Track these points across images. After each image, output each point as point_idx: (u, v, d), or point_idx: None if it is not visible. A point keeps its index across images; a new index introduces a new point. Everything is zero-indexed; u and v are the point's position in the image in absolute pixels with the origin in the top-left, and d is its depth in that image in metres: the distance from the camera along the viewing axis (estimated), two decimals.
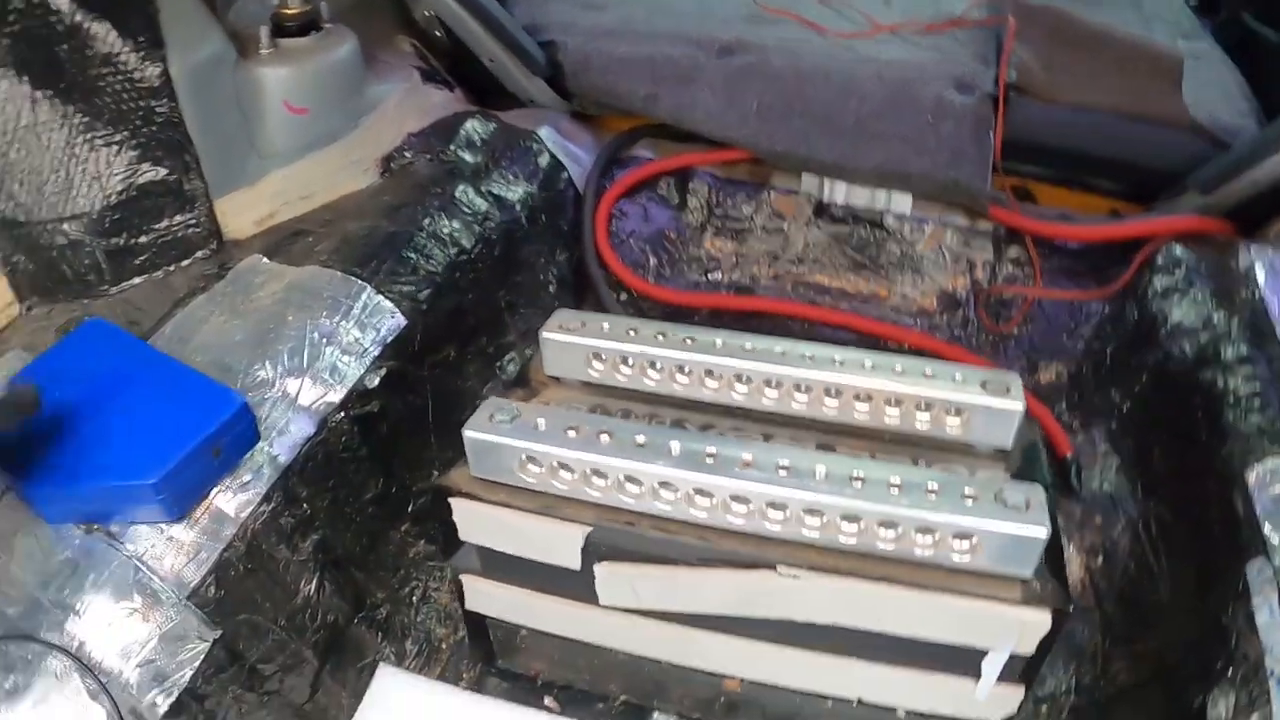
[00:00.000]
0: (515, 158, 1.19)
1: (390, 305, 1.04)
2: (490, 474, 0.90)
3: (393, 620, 1.02)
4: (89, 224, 1.10)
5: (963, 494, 0.82)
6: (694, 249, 1.24)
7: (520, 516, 0.89)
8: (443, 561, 1.06)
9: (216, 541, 0.90)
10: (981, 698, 0.90)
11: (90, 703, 0.82)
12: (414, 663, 1.02)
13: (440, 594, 1.05)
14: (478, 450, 0.88)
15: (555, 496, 0.89)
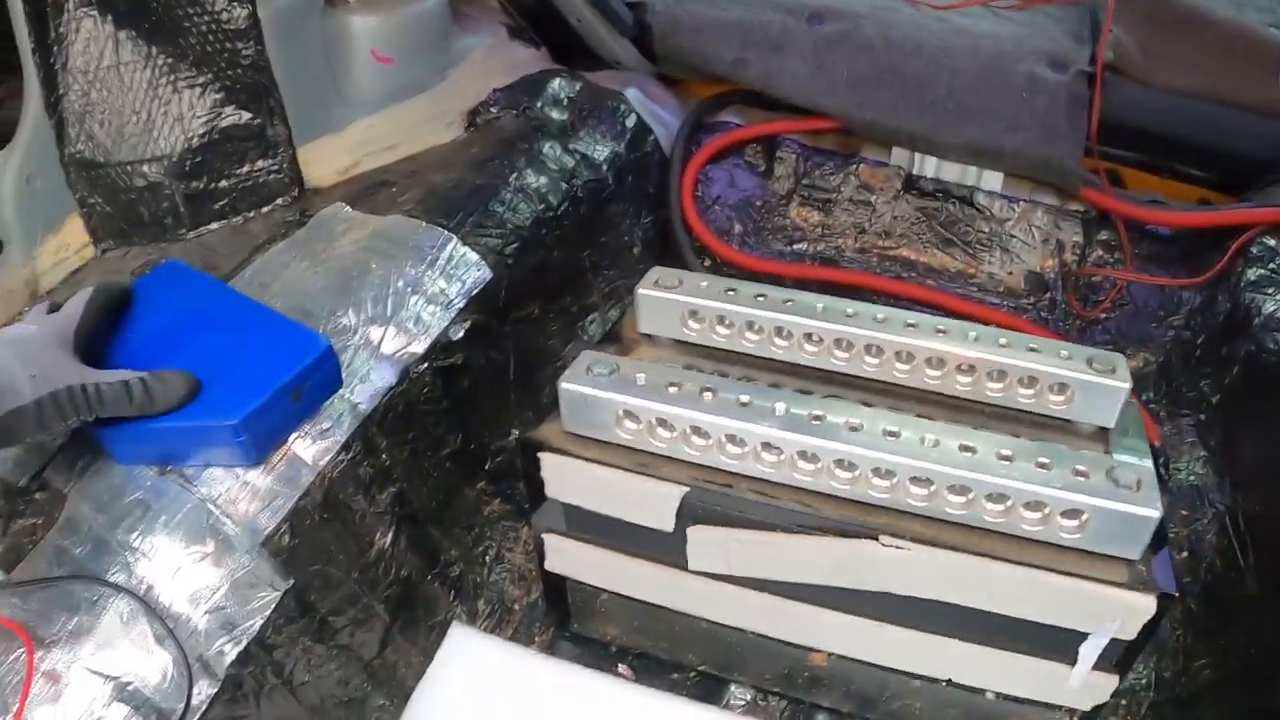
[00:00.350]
0: (602, 118, 1.16)
1: (476, 258, 1.00)
2: (584, 429, 0.86)
3: (465, 579, 0.98)
4: (169, 167, 1.07)
5: (1074, 470, 0.78)
6: (780, 218, 1.20)
7: (613, 474, 0.85)
8: (518, 522, 1.02)
9: (293, 489, 0.86)
10: (1075, 684, 0.86)
11: (156, 647, 0.79)
12: (486, 623, 0.99)
13: (514, 554, 1.01)
14: (573, 403, 0.84)
15: (651, 455, 0.85)
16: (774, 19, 1.22)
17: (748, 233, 1.19)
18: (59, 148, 1.06)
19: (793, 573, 0.87)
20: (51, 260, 1.09)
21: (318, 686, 0.88)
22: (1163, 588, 0.76)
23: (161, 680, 0.78)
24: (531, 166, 1.08)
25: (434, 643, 0.95)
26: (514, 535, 1.02)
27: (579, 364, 0.86)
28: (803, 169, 1.21)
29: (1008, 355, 0.90)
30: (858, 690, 0.95)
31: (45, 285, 1.09)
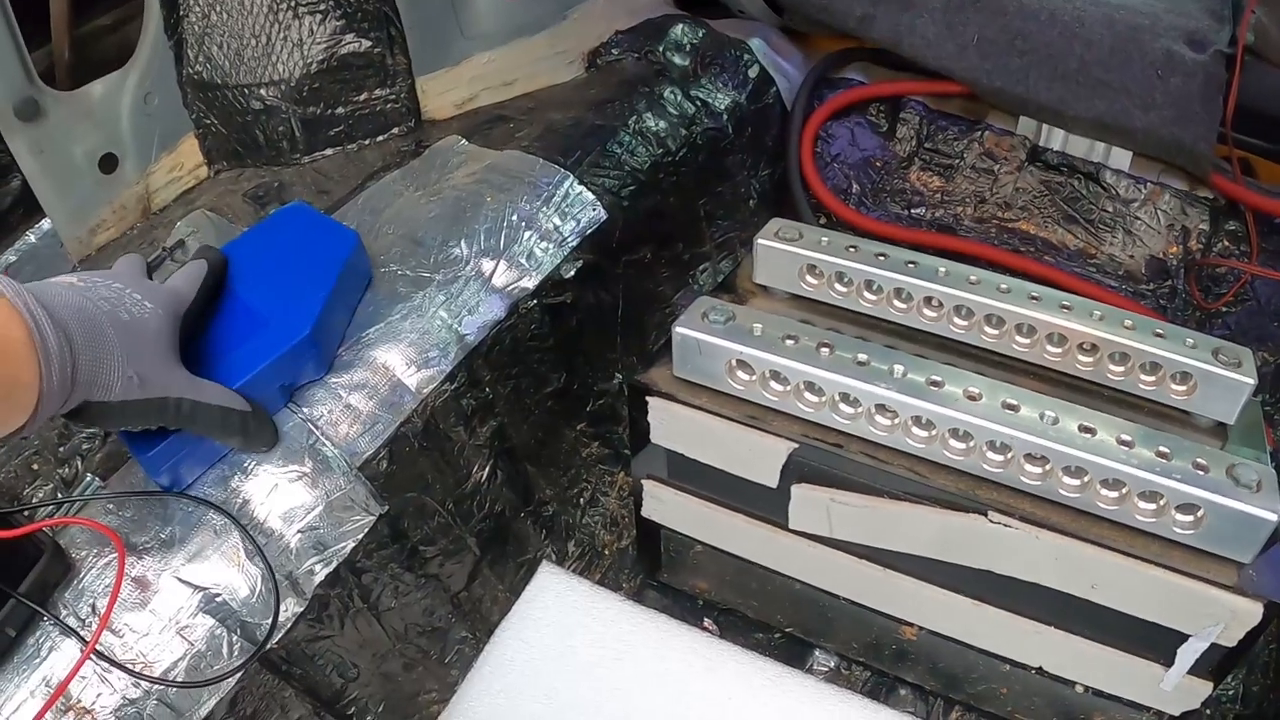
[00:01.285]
0: (725, 66, 1.12)
1: (592, 197, 0.97)
2: (694, 376, 0.83)
3: (558, 519, 0.96)
4: (286, 91, 1.05)
5: (1194, 463, 0.73)
6: (899, 181, 1.15)
7: (722, 424, 0.82)
8: (615, 467, 1.00)
9: (395, 415, 0.85)
10: (1168, 687, 0.81)
11: (246, 562, 0.78)
12: (574, 564, 0.97)
13: (609, 499, 0.99)
14: (686, 349, 0.81)
15: (762, 407, 0.82)
16: None
17: (865, 193, 1.15)
18: (177, 68, 1.06)
19: (894, 541, 0.83)
20: (165, 178, 1.09)
21: (403, 614, 0.87)
22: (1271, 596, 0.72)
23: (249, 595, 0.78)
24: (651, 110, 1.05)
25: (521, 580, 0.93)
26: (610, 480, 0.99)
27: (694, 309, 0.83)
28: (926, 132, 1.16)
29: (1132, 338, 0.84)
30: (944, 669, 0.92)
31: (158, 203, 1.09)
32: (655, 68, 1.10)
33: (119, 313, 0.70)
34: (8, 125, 0.98)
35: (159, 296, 0.76)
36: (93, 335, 0.67)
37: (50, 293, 0.66)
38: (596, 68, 1.12)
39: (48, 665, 0.74)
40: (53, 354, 0.62)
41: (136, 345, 0.71)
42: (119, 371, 0.68)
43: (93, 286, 0.71)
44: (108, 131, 1.04)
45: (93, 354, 0.66)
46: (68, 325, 0.65)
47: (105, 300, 0.70)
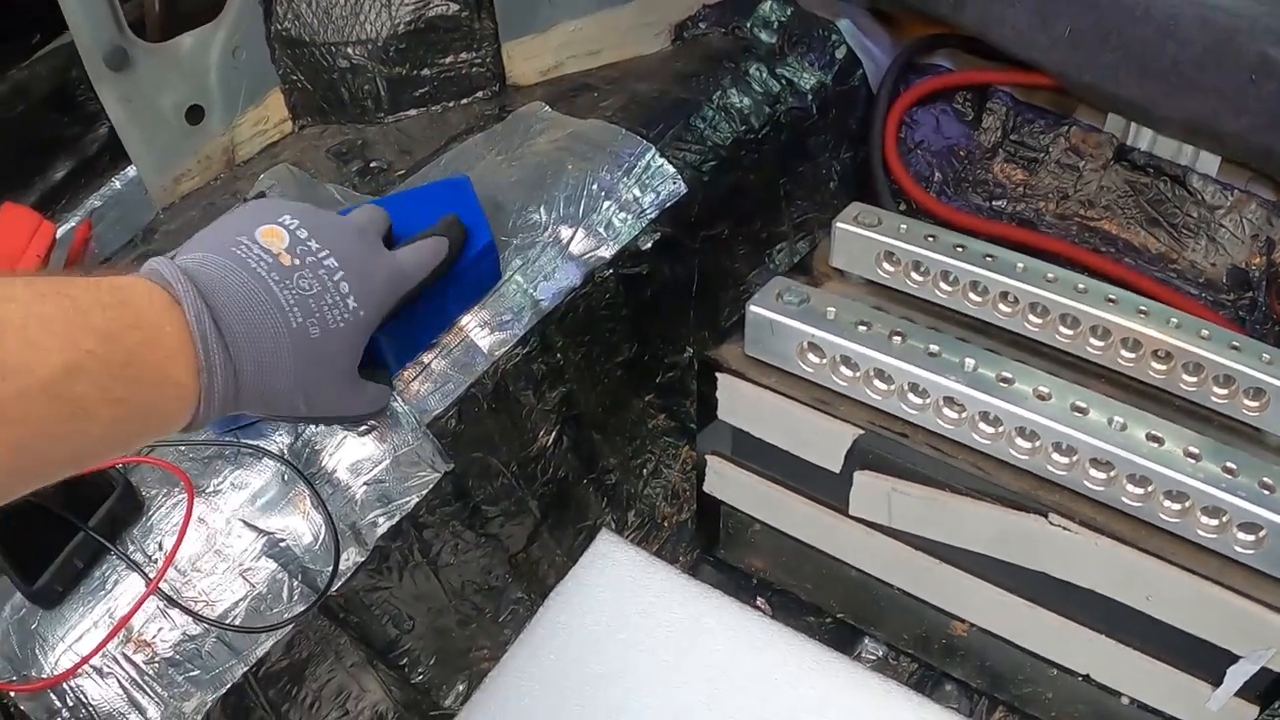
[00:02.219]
0: (812, 45, 1.12)
1: (673, 170, 0.98)
2: (765, 355, 0.84)
3: (619, 489, 0.98)
4: (373, 51, 1.07)
5: (1261, 481, 0.72)
6: (982, 171, 1.14)
7: (790, 405, 0.83)
8: (680, 440, 1.01)
9: (466, 375, 0.86)
10: (1214, 707, 0.81)
11: (311, 510, 0.81)
12: (633, 534, 0.98)
13: (671, 472, 1.00)
14: (758, 328, 0.82)
15: (830, 391, 0.82)
16: None
17: (946, 182, 1.14)
18: (266, 24, 1.08)
19: (952, 535, 0.84)
20: (250, 132, 1.12)
21: (460, 571, 0.89)
22: None
23: (312, 542, 0.81)
24: (736, 86, 1.05)
25: (579, 546, 0.95)
26: (673, 453, 1.01)
27: (769, 289, 0.83)
28: (1012, 124, 1.15)
29: (1208, 349, 0.84)
30: (991, 667, 0.92)
31: (242, 155, 1.12)
32: (742, 43, 1.10)
33: (309, 326, 0.65)
34: (98, 74, 1.01)
35: (374, 285, 0.70)
36: (265, 370, 0.63)
37: (233, 300, 0.62)
38: (683, 40, 1.13)
39: (112, 598, 0.78)
40: (215, 390, 0.60)
41: (316, 370, 0.67)
42: (285, 399, 0.66)
43: (300, 267, 0.66)
44: (195, 84, 1.07)
45: (261, 383, 0.63)
46: (240, 357, 0.61)
47: (302, 300, 0.65)
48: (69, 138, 1.09)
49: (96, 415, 0.53)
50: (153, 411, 0.57)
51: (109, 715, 0.75)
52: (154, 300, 0.58)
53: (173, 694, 0.76)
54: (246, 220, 0.68)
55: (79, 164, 1.10)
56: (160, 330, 0.57)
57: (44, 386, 0.49)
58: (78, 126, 1.09)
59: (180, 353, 0.58)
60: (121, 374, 0.53)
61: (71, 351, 0.51)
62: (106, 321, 0.54)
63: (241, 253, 0.65)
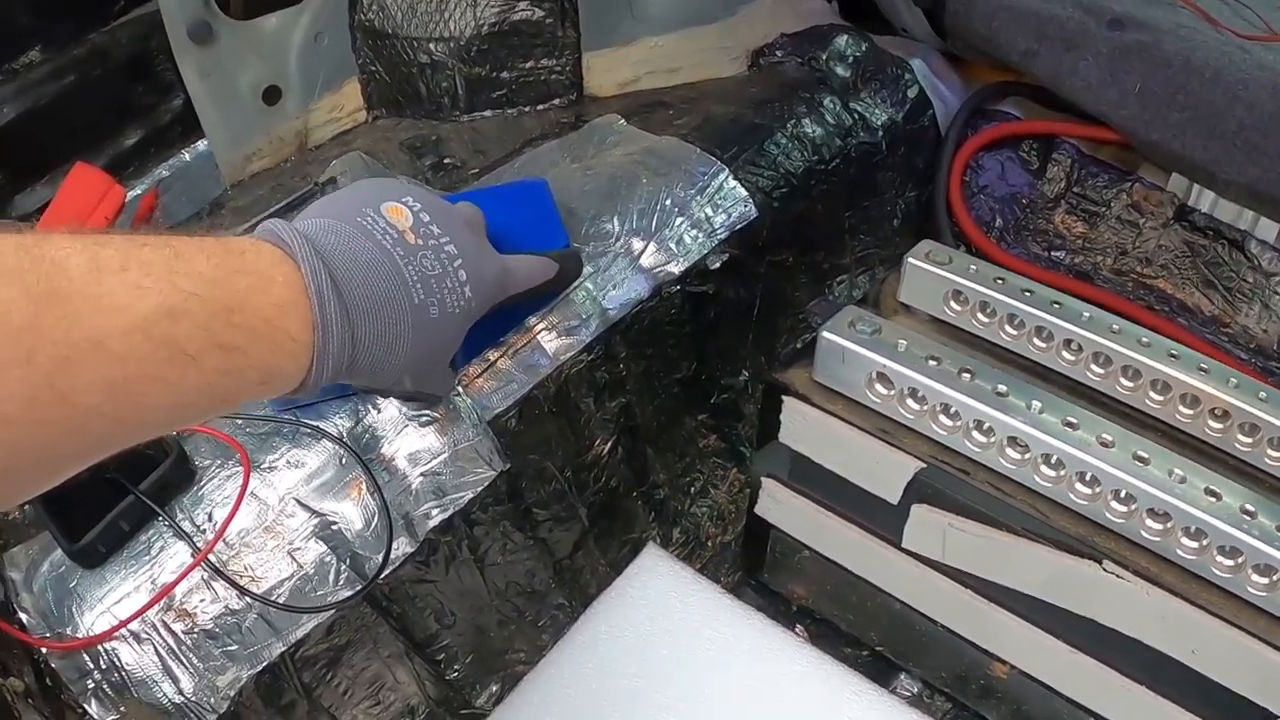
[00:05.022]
0: (885, 83, 1.14)
1: (744, 193, 1.00)
2: (832, 382, 0.85)
3: (667, 504, 0.99)
4: (455, 49, 1.09)
5: None
6: (1043, 221, 1.16)
7: (854, 433, 0.84)
8: (729, 462, 1.02)
9: (530, 376, 0.88)
10: None
11: (366, 495, 0.82)
12: (677, 550, 0.99)
13: (719, 492, 1.02)
14: (829, 354, 0.84)
15: (894, 423, 0.84)
16: (1072, 16, 1.18)
17: (1007, 229, 1.16)
18: (350, 13, 1.10)
19: (1003, 575, 0.85)
20: (324, 117, 1.13)
21: (506, 571, 0.90)
22: None
23: (364, 528, 0.82)
24: (810, 116, 1.07)
25: (624, 557, 0.96)
26: (721, 474, 1.02)
27: (842, 316, 0.85)
28: (1076, 176, 1.17)
29: (1266, 410, 0.85)
30: (1027, 712, 0.93)
31: (314, 140, 1.14)
32: (817, 75, 1.12)
33: (429, 306, 0.65)
34: (180, 45, 1.02)
35: (486, 278, 0.70)
36: (385, 341, 0.63)
37: (356, 266, 0.61)
38: (758, 67, 1.15)
39: (156, 564, 0.78)
40: (330, 351, 0.59)
41: (428, 351, 0.67)
42: (394, 374, 0.66)
43: (424, 247, 0.66)
44: (275, 65, 1.09)
45: (378, 353, 0.63)
46: (359, 322, 0.60)
47: (425, 278, 0.65)
48: (143, 106, 1.11)
49: (200, 361, 0.52)
50: (262, 365, 0.56)
51: (141, 681, 0.76)
52: (263, 253, 0.58)
53: (208, 666, 0.77)
54: (371, 194, 0.68)
55: (151, 133, 1.11)
56: (270, 280, 0.56)
57: (143, 325, 0.48)
58: (153, 95, 1.11)
59: (293, 306, 0.57)
60: (227, 319, 0.53)
61: (172, 293, 0.50)
62: (211, 267, 0.53)
63: (366, 223, 0.65)
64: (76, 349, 0.46)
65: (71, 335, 0.46)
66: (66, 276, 0.47)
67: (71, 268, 0.47)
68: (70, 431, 0.48)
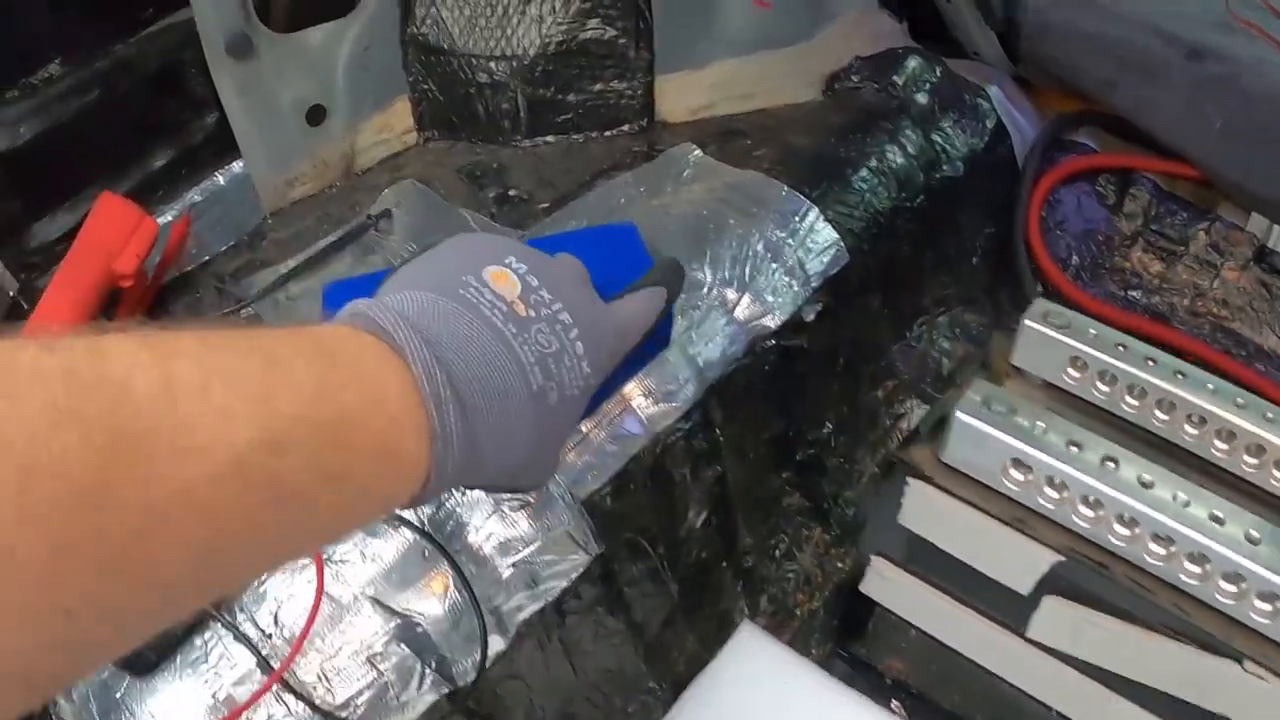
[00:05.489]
0: (964, 111, 0.99)
1: (836, 236, 0.86)
2: (964, 464, 0.72)
3: (754, 572, 0.86)
4: (517, 68, 0.93)
5: None
6: (1120, 259, 1.03)
7: (987, 522, 0.72)
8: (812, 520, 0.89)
9: (624, 448, 0.75)
10: None
11: (452, 590, 0.69)
12: (765, 621, 0.86)
13: (804, 555, 0.88)
14: (964, 437, 0.71)
15: (1031, 511, 0.72)
16: (1152, 45, 1.04)
17: (1083, 266, 1.03)
18: (402, 26, 0.95)
19: (1136, 670, 0.74)
20: (372, 139, 0.97)
21: (596, 658, 0.78)
22: None
23: (450, 628, 0.68)
24: (893, 148, 0.93)
25: (711, 631, 0.82)
26: (806, 534, 0.89)
27: (974, 394, 0.72)
28: (1154, 213, 1.04)
29: None
30: None
31: (361, 163, 0.97)
32: (895, 102, 0.97)
33: (548, 392, 0.49)
34: (216, 60, 0.86)
35: (601, 349, 0.53)
36: (504, 443, 0.48)
37: (468, 353, 0.46)
38: (833, 93, 1.00)
39: (215, 673, 0.65)
40: (449, 463, 0.44)
41: (545, 443, 0.52)
42: (507, 476, 0.51)
43: (537, 319, 0.50)
44: (320, 81, 0.92)
45: (499, 456, 0.48)
46: (479, 423, 0.46)
47: (542, 358, 0.49)
48: (174, 124, 0.93)
49: (306, 499, 0.38)
50: (372, 491, 0.42)
51: None
52: (368, 352, 0.43)
53: None
54: (470, 257, 0.52)
55: (181, 153, 0.93)
56: (382, 388, 0.42)
57: (237, 466, 0.35)
58: (185, 112, 0.93)
59: (407, 417, 0.43)
60: (335, 444, 0.39)
61: (272, 419, 0.37)
62: (313, 378, 0.39)
63: (471, 295, 0.49)
64: (154, 511, 0.32)
65: (149, 493, 0.32)
66: (134, 406, 0.33)
67: (139, 391, 0.33)
68: (140, 613, 0.35)
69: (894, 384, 0.94)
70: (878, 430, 0.94)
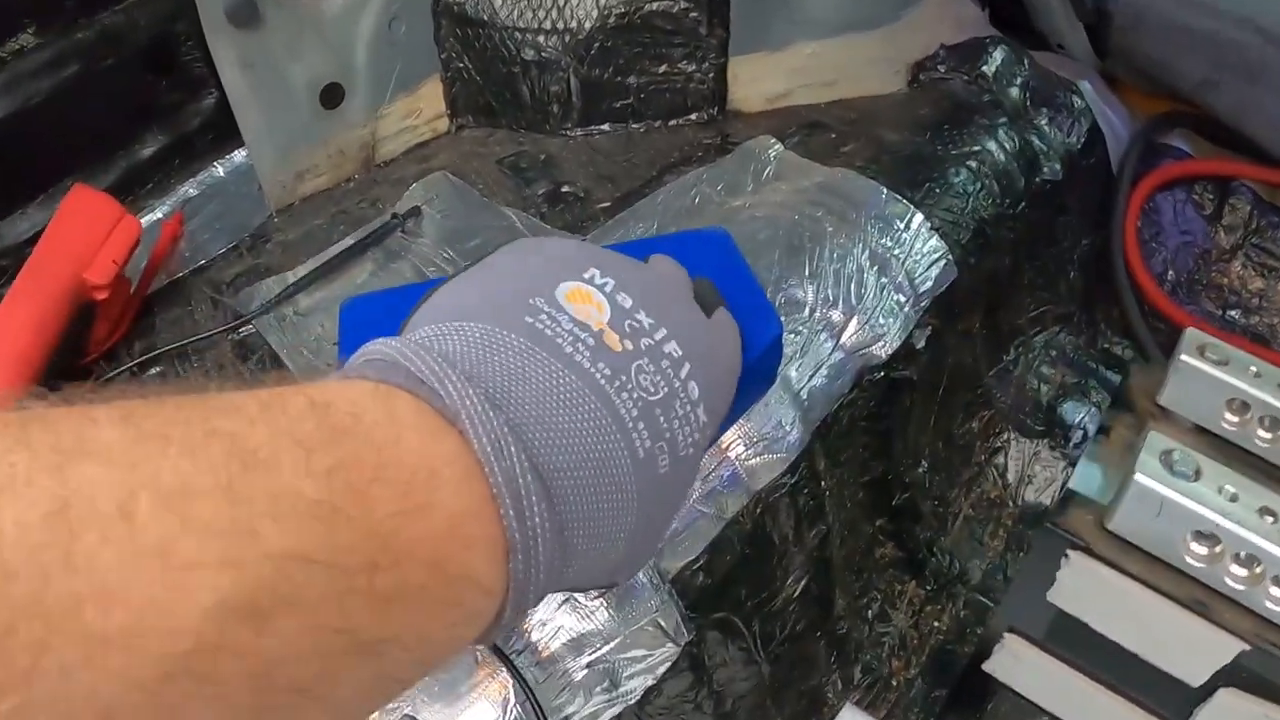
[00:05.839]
0: (1058, 108, 0.82)
1: (944, 247, 0.68)
2: (1135, 535, 0.55)
3: (848, 638, 0.67)
4: (571, 44, 0.74)
5: None
6: (1217, 274, 0.88)
7: (1161, 603, 0.54)
8: (906, 574, 0.71)
9: (719, 510, 0.56)
10: None
11: (512, 701, 0.49)
12: (860, 696, 0.68)
13: (897, 614, 0.70)
14: (1142, 503, 0.54)
15: (1214, 592, 0.55)
16: (1253, 43, 0.88)
17: (1179, 281, 0.87)
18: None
19: None
20: (397, 125, 0.78)
21: None
22: None
23: None
24: (993, 145, 0.75)
25: (799, 713, 0.65)
26: (899, 589, 0.71)
27: (1152, 449, 0.55)
28: (1255, 225, 0.88)
29: None
30: None
31: (383, 154, 0.79)
32: (987, 96, 0.80)
33: (657, 457, 0.31)
34: (215, 28, 0.67)
35: (718, 386, 0.36)
36: (604, 533, 0.30)
37: (551, 417, 0.29)
38: (919, 84, 0.82)
39: None
40: (532, 582, 0.28)
41: (651, 524, 0.33)
42: (605, 576, 0.33)
43: (635, 353, 0.32)
44: (337, 57, 0.73)
45: (594, 560, 0.31)
46: (572, 520, 0.29)
47: (647, 410, 0.31)
48: (165, 106, 0.73)
49: (309, 690, 0.22)
50: (413, 651, 0.25)
51: None
52: (404, 422, 0.26)
53: None
54: (538, 272, 0.34)
55: (175, 140, 0.73)
56: (430, 483, 0.25)
57: (190, 655, 0.19)
58: (178, 93, 0.73)
59: (472, 525, 0.26)
60: (356, 590, 0.22)
61: (249, 564, 0.20)
62: (315, 479, 0.22)
63: (545, 327, 0.31)
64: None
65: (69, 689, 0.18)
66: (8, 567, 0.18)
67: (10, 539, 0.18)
68: None
69: (990, 414, 0.77)
70: (971, 468, 0.77)
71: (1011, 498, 0.77)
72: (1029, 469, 0.78)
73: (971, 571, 0.75)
